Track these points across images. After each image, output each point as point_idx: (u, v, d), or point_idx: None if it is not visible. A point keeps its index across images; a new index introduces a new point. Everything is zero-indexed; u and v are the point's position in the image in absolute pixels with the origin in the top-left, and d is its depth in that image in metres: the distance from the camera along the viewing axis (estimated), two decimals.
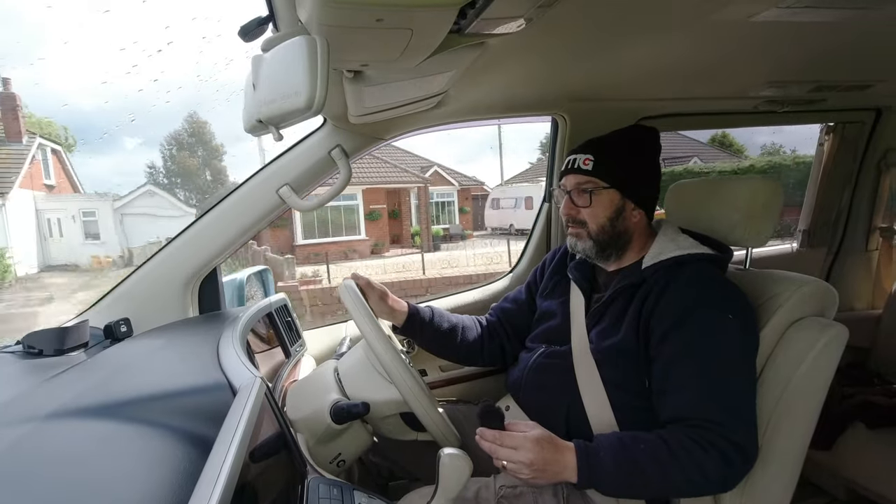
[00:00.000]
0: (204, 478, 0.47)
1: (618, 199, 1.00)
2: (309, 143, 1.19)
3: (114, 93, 33.72)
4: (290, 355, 1.25)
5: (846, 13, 0.83)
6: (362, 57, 0.73)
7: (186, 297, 1.20)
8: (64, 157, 16.06)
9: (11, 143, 12.34)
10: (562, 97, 1.35)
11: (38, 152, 13.38)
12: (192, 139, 29.35)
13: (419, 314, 1.17)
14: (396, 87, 0.89)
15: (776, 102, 1.50)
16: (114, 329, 1.07)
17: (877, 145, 1.85)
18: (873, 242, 1.96)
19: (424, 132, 1.40)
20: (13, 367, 0.88)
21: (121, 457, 0.55)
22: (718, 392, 0.84)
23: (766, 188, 1.04)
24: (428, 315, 1.18)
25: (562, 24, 0.78)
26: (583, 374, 0.97)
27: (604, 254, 1.04)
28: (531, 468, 0.81)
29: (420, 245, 14.91)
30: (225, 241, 1.19)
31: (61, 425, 0.61)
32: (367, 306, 0.99)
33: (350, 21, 0.58)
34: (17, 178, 12.05)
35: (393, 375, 0.91)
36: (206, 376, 0.77)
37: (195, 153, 29.51)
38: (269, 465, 0.64)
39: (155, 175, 29.96)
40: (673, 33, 0.88)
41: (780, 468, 0.92)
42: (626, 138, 1.04)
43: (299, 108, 0.60)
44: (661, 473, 0.81)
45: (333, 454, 0.96)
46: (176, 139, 29.46)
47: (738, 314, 0.89)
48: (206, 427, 0.59)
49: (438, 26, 0.64)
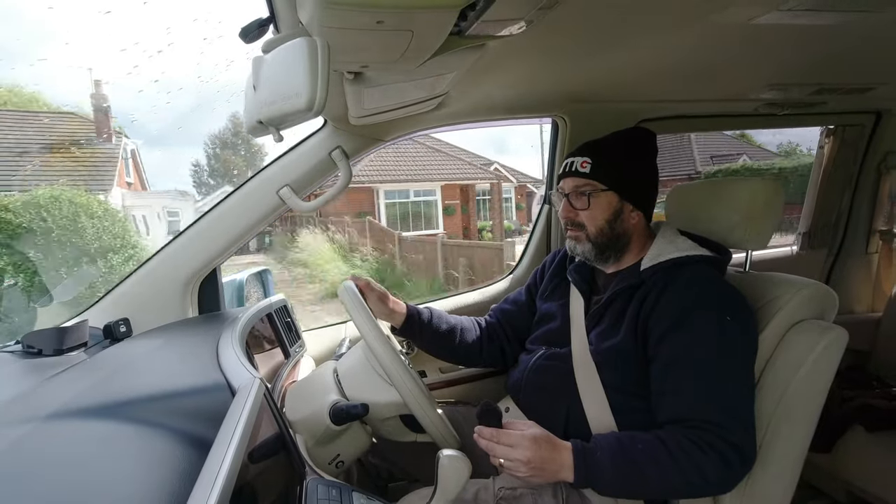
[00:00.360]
0: (202, 478, 0.47)
1: (616, 201, 1.01)
2: (309, 144, 1.19)
3: (114, 94, 33.87)
4: (290, 356, 1.25)
5: (847, 16, 0.83)
6: (363, 58, 0.73)
7: (186, 298, 1.20)
8: (138, 155, 16.16)
9: (103, 143, 12.57)
10: (562, 99, 1.35)
11: (122, 151, 13.52)
12: (236, 138, 30.13)
13: (418, 315, 1.17)
14: (397, 88, 0.89)
15: (776, 105, 1.50)
16: (113, 329, 1.07)
17: (877, 148, 1.85)
18: (873, 245, 1.96)
19: (426, 133, 1.40)
20: (13, 367, 0.88)
21: (119, 457, 0.55)
22: (716, 393, 0.84)
23: (766, 190, 1.03)
24: (427, 316, 1.18)
25: (562, 26, 0.78)
26: (582, 376, 0.97)
27: (602, 256, 1.04)
28: (528, 466, 0.81)
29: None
30: (225, 242, 1.20)
31: (61, 425, 0.61)
32: (366, 307, 0.99)
33: (351, 23, 0.58)
34: (114, 177, 12.21)
35: (392, 377, 0.91)
36: (205, 377, 0.77)
37: (238, 152, 30.30)
38: (268, 466, 0.64)
39: (199, 173, 30.82)
40: (673, 35, 0.88)
41: (779, 470, 0.92)
42: (624, 140, 1.04)
43: (300, 110, 0.60)
44: (659, 474, 0.81)
45: (332, 455, 0.96)
46: (220, 138, 30.41)
47: (736, 316, 0.89)
48: (204, 427, 0.59)
49: (439, 28, 0.64)
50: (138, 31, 39.97)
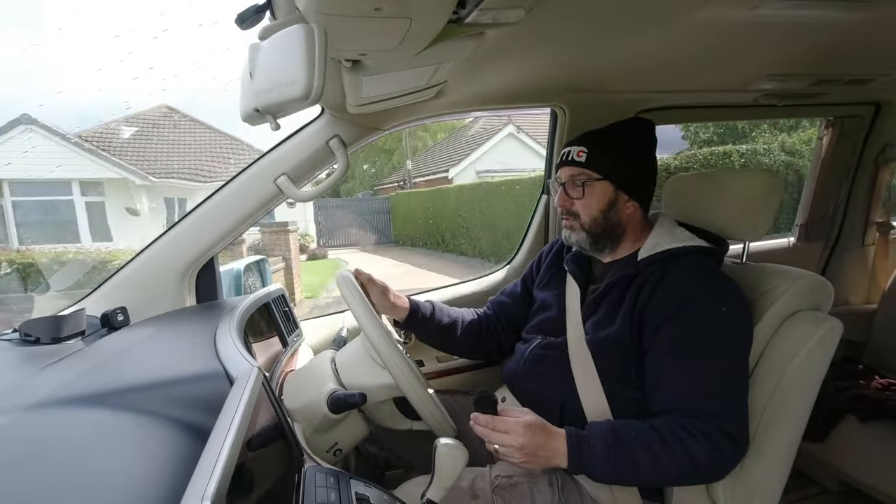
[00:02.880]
0: (201, 465, 0.47)
1: (611, 190, 1.01)
2: (307, 132, 1.18)
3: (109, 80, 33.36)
4: (288, 345, 1.25)
5: (847, 6, 0.83)
6: (360, 46, 0.72)
7: (184, 287, 1.20)
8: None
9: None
10: (561, 88, 1.34)
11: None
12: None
13: (420, 310, 1.18)
14: (395, 76, 0.88)
15: (776, 96, 1.50)
16: (111, 318, 1.07)
17: (875, 140, 1.84)
18: (870, 237, 1.96)
19: (425, 122, 1.39)
20: (9, 355, 0.88)
21: (118, 445, 0.55)
22: (711, 383, 0.85)
23: (763, 181, 1.03)
24: (428, 310, 1.19)
25: (561, 15, 0.78)
26: (578, 365, 0.98)
27: (598, 245, 1.04)
28: (522, 452, 0.82)
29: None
30: (222, 231, 1.19)
31: (58, 413, 0.62)
32: (363, 296, 0.99)
33: (348, 9, 0.58)
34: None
35: (388, 363, 0.91)
36: (203, 365, 0.78)
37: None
38: (266, 454, 0.64)
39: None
40: (673, 24, 0.88)
41: (773, 459, 0.93)
42: (621, 130, 1.04)
43: (297, 98, 0.60)
44: (652, 462, 0.82)
45: (330, 443, 0.96)
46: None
47: (732, 306, 0.89)
48: (203, 416, 0.60)
49: (437, 15, 0.63)
50: (132, 17, 39.40)
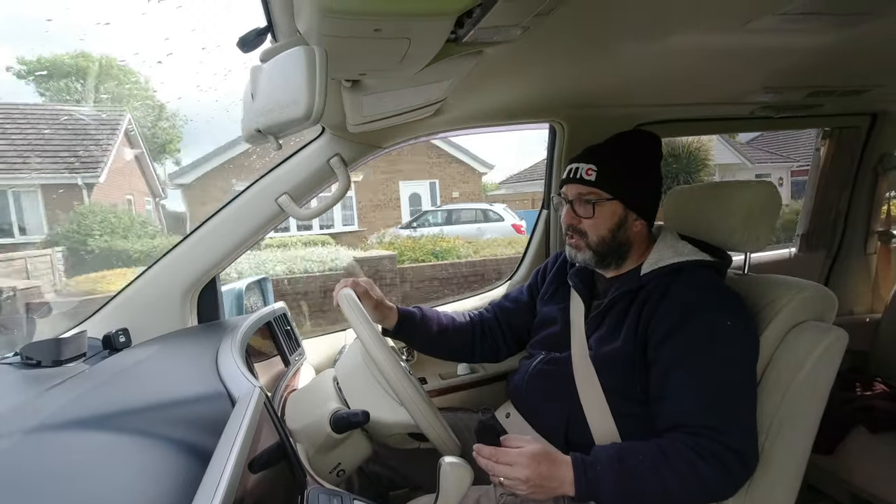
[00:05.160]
0: (203, 488, 0.47)
1: (621, 210, 1.00)
2: (308, 151, 1.19)
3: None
4: (290, 364, 1.24)
5: (842, 20, 0.84)
6: (361, 66, 0.73)
7: (185, 307, 1.20)
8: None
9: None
10: (559, 104, 1.35)
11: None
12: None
13: (410, 317, 1.16)
14: (395, 95, 0.89)
15: (773, 108, 1.51)
16: (112, 339, 1.06)
17: (873, 150, 1.86)
18: (871, 246, 1.96)
19: (425, 139, 1.40)
20: (11, 378, 0.87)
21: (120, 468, 0.54)
22: (717, 398, 0.84)
23: (763, 193, 1.04)
24: (418, 316, 1.17)
25: (558, 33, 0.79)
26: (582, 380, 0.97)
27: (603, 262, 1.03)
28: (528, 484, 0.81)
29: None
30: (224, 251, 1.19)
31: (60, 436, 0.61)
32: (367, 317, 0.97)
33: (348, 31, 0.59)
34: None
35: (399, 393, 0.89)
36: (204, 386, 0.77)
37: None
38: (269, 476, 0.63)
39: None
40: (669, 40, 0.89)
41: (782, 473, 0.91)
42: (629, 147, 1.02)
43: (298, 118, 0.61)
44: (660, 484, 0.80)
45: (333, 464, 0.95)
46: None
47: (736, 319, 0.89)
48: (204, 437, 0.59)
49: (436, 35, 0.64)
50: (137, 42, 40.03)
